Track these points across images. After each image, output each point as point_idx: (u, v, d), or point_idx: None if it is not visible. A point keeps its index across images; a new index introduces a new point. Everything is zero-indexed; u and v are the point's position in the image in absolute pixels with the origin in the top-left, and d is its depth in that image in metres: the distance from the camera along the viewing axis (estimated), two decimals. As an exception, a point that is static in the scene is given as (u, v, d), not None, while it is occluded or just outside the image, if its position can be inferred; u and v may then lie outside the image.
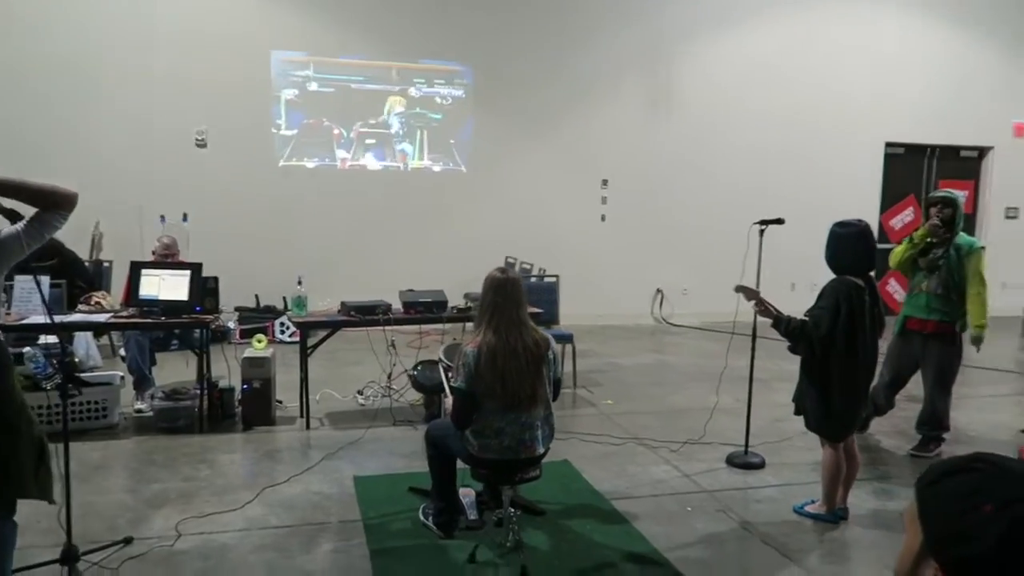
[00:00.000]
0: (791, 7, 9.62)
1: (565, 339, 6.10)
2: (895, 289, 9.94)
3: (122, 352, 5.96)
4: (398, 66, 8.61)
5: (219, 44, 8.05)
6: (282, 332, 7.79)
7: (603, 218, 9.32)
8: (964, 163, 10.66)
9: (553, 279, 7.05)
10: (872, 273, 3.80)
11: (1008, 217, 10.76)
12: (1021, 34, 10.28)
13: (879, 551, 3.68)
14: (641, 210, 9.35)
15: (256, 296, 8.10)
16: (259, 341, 5.44)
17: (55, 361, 4.61)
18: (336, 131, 8.55)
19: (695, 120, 9.40)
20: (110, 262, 7.11)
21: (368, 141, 8.65)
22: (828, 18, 9.75)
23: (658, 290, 9.52)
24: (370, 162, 8.69)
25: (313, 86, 8.43)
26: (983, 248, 4.89)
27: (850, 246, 3.70)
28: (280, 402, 5.49)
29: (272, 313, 8.00)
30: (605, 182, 9.27)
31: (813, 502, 4.05)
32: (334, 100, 8.49)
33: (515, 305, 3.34)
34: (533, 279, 7.41)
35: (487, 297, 3.37)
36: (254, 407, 5.18)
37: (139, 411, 5.39)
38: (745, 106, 9.48)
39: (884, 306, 4.16)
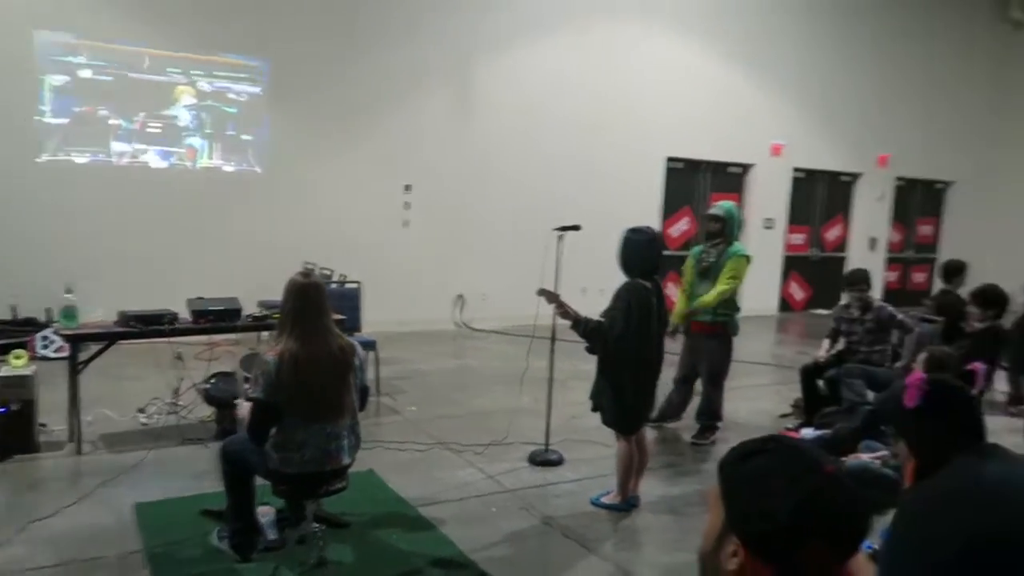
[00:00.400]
0: (593, 24, 10.12)
1: (368, 346, 5.97)
2: (672, 292, 10.82)
3: None
4: (187, 57, 8.00)
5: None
6: (45, 347, 6.94)
7: (406, 223, 9.27)
8: (731, 178, 11.84)
9: (355, 285, 6.90)
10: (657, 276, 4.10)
11: (766, 227, 12.09)
12: (771, 66, 11.60)
13: (668, 535, 3.97)
14: (444, 215, 9.41)
15: (12, 307, 7.16)
16: (17, 357, 4.80)
17: None
18: (113, 122, 7.76)
19: (497, 127, 9.62)
20: None
21: (151, 134, 7.94)
22: (626, 39, 10.39)
23: (459, 295, 9.63)
24: (153, 159, 8.00)
25: (87, 73, 7.59)
26: (746, 257, 5.43)
27: (641, 251, 3.97)
28: (44, 425, 4.88)
29: (33, 326, 7.11)
30: (408, 187, 9.23)
31: (608, 493, 4.29)
32: (112, 89, 7.70)
33: (318, 311, 3.22)
34: (334, 285, 7.19)
35: (288, 303, 3.22)
36: (13, 433, 4.55)
37: None
38: (545, 116, 9.84)
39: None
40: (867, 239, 13.13)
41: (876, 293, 13.16)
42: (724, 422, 5.65)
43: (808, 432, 5.43)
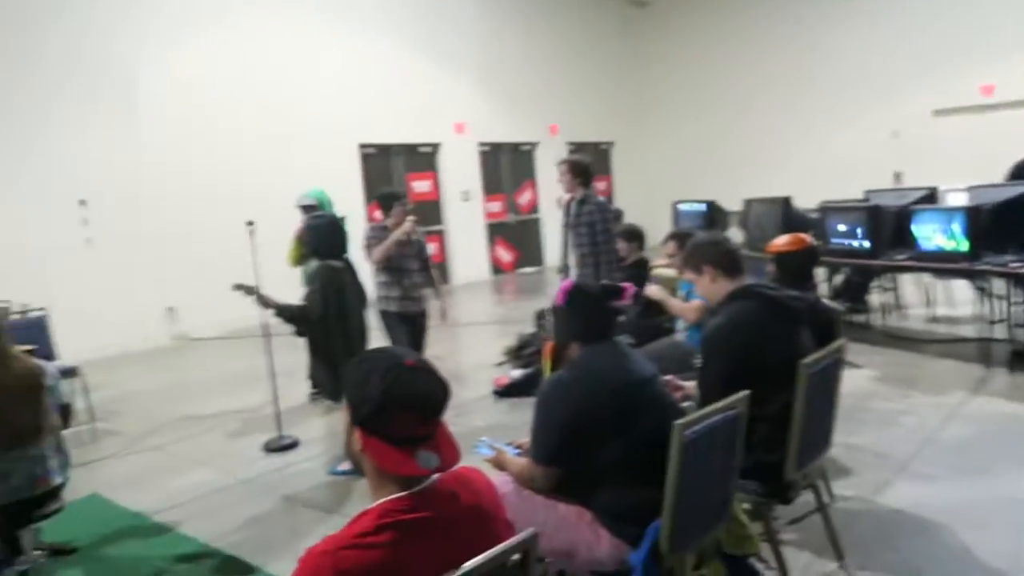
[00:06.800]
0: (267, 17, 10.11)
1: (68, 373, 5.62)
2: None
3: None
4: None
5: None
6: None
7: (89, 241, 8.59)
8: (423, 157, 12.53)
9: (41, 312, 6.37)
10: (347, 256, 4.43)
11: (463, 200, 13.00)
12: (448, 50, 12.45)
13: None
14: (134, 229, 8.84)
15: None
16: None
17: None
18: None
19: (171, 128, 9.19)
20: None
21: None
22: (303, 31, 10.51)
23: (169, 308, 9.20)
24: None
25: None
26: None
27: (323, 235, 4.29)
28: None
29: None
30: (83, 202, 8.54)
31: (345, 461, 4.60)
32: None
33: (-6, 340, 3.11)
34: (16, 316, 6.56)
35: (-41, 337, 3.07)
36: None
37: None
38: (225, 116, 9.63)
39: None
40: (555, 199, 14.67)
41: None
42: (450, 375, 6.19)
43: (516, 373, 6.18)
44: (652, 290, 4.68)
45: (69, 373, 5.60)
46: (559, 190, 5.59)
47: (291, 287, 5.23)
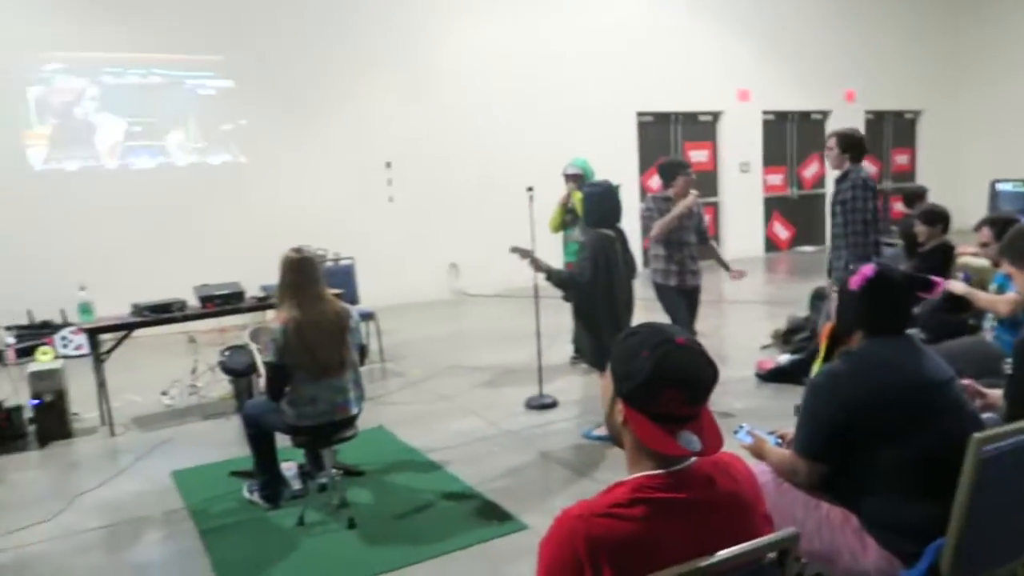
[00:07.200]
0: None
1: (367, 316, 6.37)
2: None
3: None
4: (160, 57, 8.28)
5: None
6: (64, 346, 7.32)
7: (391, 199, 9.60)
8: (702, 126, 12.16)
9: (349, 261, 7.26)
10: (622, 225, 4.45)
11: (742, 171, 12.43)
12: (731, 13, 11.86)
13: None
14: (427, 188, 9.72)
15: (29, 311, 7.53)
16: (44, 354, 5.19)
17: None
18: (98, 128, 8.07)
19: (464, 99, 9.86)
20: None
21: (135, 136, 8.26)
22: (573, 2, 10.67)
23: (453, 264, 10.00)
24: (139, 159, 8.32)
25: (65, 82, 7.89)
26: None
27: (599, 203, 4.34)
28: (76, 414, 5.28)
29: (50, 328, 7.48)
30: (389, 164, 9.55)
31: (599, 426, 4.70)
32: (91, 96, 8.00)
33: (313, 281, 3.60)
34: (329, 263, 7.55)
35: (286, 277, 3.59)
36: (48, 422, 4.96)
37: None
38: (508, 85, 10.11)
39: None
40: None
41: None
42: (712, 353, 6.04)
43: (783, 358, 5.85)
44: (954, 285, 4.12)
45: (367, 317, 6.34)
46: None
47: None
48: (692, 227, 5.08)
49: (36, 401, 4.94)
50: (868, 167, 4.94)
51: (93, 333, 5.14)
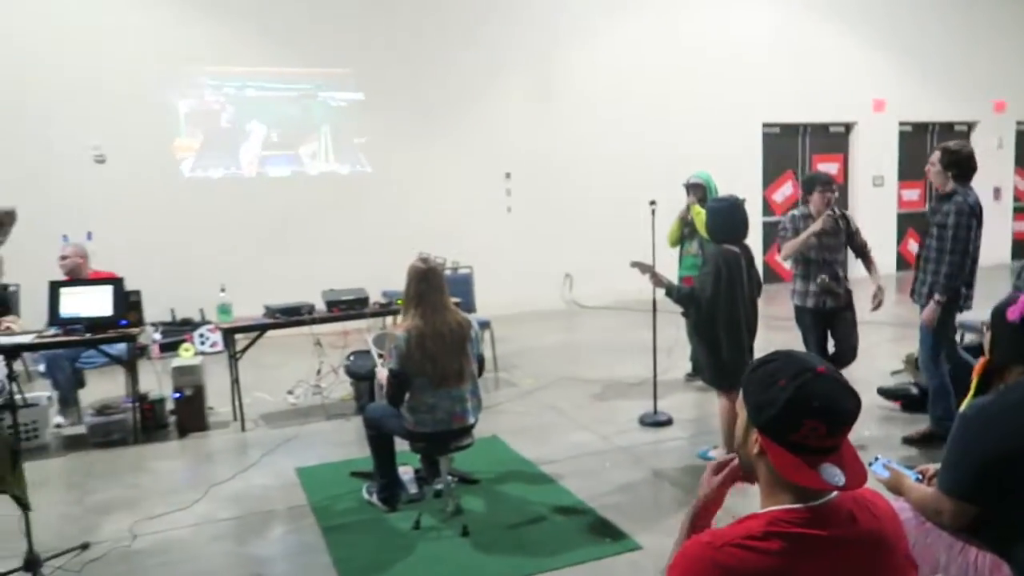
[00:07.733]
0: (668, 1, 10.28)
1: (483, 325, 6.45)
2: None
3: (40, 368, 5.85)
4: (297, 72, 8.74)
5: (113, 57, 7.97)
6: (202, 343, 7.83)
7: (509, 209, 9.71)
8: (833, 139, 11.62)
9: (467, 270, 7.39)
10: (746, 241, 4.31)
11: (875, 185, 11.80)
12: (863, 19, 11.29)
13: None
14: (544, 199, 9.77)
15: (172, 310, 8.10)
16: (187, 350, 5.56)
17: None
18: (240, 138, 8.61)
19: (586, 109, 9.86)
20: (17, 285, 6.98)
21: (272, 147, 8.75)
22: (712, 6, 10.46)
23: (567, 274, 10.00)
24: (276, 168, 8.80)
25: (212, 95, 8.46)
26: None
27: (723, 218, 4.21)
28: (211, 408, 5.62)
29: (190, 325, 8.02)
30: (508, 175, 9.67)
31: (715, 447, 4.57)
32: (235, 108, 8.55)
33: (438, 292, 3.68)
34: (448, 271, 7.72)
35: (412, 286, 3.69)
36: (188, 414, 5.31)
37: (58, 425, 5.45)
38: (632, 95, 10.03)
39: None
40: (991, 189, 12.54)
41: (1006, 245, 12.66)
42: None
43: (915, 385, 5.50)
44: None
45: (484, 326, 6.42)
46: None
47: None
48: (837, 245, 4.92)
49: (178, 394, 5.30)
50: (973, 191, 4.39)
51: (229, 332, 5.46)
